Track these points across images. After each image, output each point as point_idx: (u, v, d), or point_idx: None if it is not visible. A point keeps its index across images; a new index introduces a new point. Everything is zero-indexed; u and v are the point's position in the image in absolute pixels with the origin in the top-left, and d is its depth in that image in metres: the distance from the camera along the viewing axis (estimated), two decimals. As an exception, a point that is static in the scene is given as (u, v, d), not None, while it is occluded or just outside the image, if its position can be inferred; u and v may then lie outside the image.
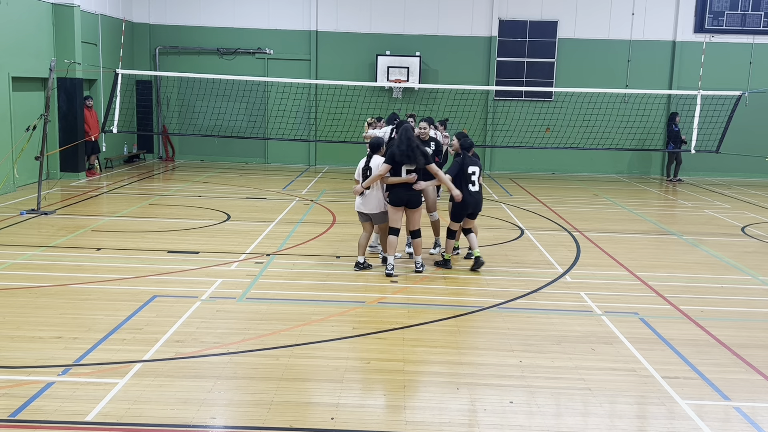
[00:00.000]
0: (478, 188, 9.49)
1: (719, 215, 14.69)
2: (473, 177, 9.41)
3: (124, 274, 8.92)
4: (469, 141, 9.58)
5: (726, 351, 6.87)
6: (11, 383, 5.68)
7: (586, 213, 14.59)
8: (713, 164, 21.06)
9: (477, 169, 9.45)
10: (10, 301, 7.72)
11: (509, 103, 21.30)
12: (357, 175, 9.35)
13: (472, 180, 9.41)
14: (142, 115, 20.99)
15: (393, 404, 5.54)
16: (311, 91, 21.24)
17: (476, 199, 9.44)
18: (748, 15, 21.04)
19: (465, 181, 9.35)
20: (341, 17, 21.46)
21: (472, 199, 9.40)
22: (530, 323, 7.51)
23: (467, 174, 9.39)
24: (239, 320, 7.33)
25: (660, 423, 5.39)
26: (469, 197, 9.37)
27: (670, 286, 9.07)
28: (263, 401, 5.49)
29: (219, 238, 11.12)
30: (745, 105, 19.98)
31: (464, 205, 9.37)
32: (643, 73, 21.27)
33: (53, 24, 16.76)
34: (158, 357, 6.29)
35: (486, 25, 21.36)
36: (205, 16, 21.55)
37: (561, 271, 9.68)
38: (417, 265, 9.40)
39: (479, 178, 9.52)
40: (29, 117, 15.02)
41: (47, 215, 12.50)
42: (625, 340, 7.08)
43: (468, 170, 9.41)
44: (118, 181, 17.34)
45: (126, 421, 5.11)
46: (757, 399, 5.85)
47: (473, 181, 9.41)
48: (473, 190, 9.42)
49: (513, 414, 5.44)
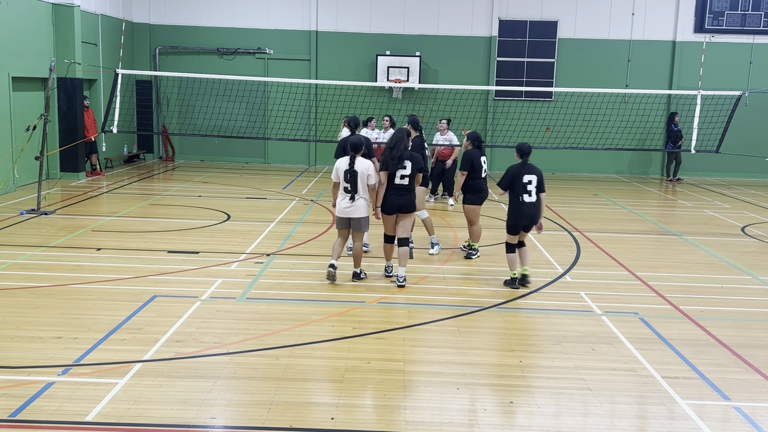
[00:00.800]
0: (535, 199, 8.64)
1: (719, 215, 14.69)
2: (529, 186, 8.60)
3: (124, 274, 8.92)
4: (527, 147, 8.76)
5: (726, 351, 6.87)
6: (11, 383, 5.68)
7: (586, 213, 14.59)
8: (713, 164, 21.06)
9: (534, 177, 8.63)
10: (10, 301, 7.72)
11: (509, 103, 21.30)
12: (335, 177, 8.61)
13: (528, 190, 8.60)
14: (142, 115, 20.99)
15: (393, 404, 5.54)
16: (311, 91, 21.23)
17: (532, 211, 8.66)
18: (748, 15, 21.03)
19: (520, 191, 8.60)
20: (341, 17, 21.46)
21: (528, 210, 8.64)
22: (530, 323, 7.52)
23: (522, 183, 8.59)
24: (239, 320, 7.33)
25: (660, 423, 5.39)
26: (525, 208, 8.62)
27: (670, 286, 9.07)
28: (263, 401, 5.49)
29: (219, 238, 11.12)
30: (745, 105, 19.98)
31: (518, 217, 8.69)
32: (643, 73, 21.27)
33: (53, 24, 16.76)
34: (158, 357, 6.29)
35: (486, 25, 21.36)
36: (205, 16, 21.55)
37: (561, 271, 9.68)
38: (399, 279, 8.64)
39: (537, 187, 8.65)
40: (29, 117, 15.02)
41: (47, 215, 12.50)
42: (625, 340, 7.08)
43: (523, 178, 8.60)
44: (118, 181, 17.34)
45: (126, 421, 5.11)
46: (757, 399, 5.85)
47: (529, 191, 8.60)
48: (528, 200, 8.62)
49: (513, 414, 5.44)
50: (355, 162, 8.47)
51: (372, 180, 8.54)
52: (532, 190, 8.62)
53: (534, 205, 8.66)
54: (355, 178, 8.48)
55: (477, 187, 10.12)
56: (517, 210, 8.67)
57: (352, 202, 8.55)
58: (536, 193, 8.64)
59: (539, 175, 8.69)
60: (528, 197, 8.63)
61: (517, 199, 8.63)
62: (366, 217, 8.67)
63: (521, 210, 8.65)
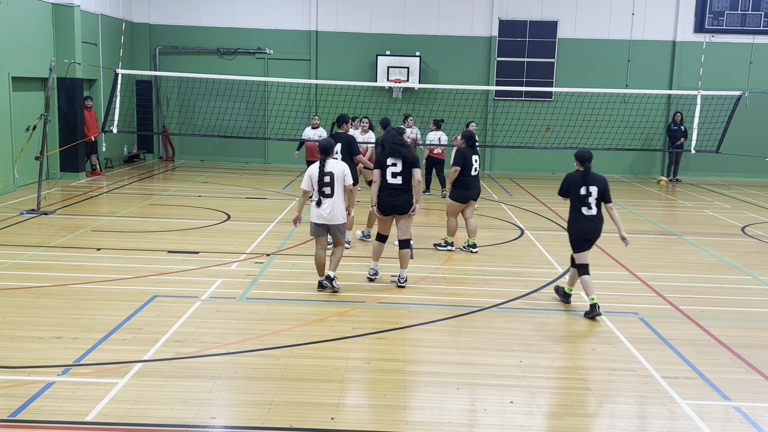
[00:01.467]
0: (596, 212, 7.83)
1: (719, 215, 14.69)
2: (588, 198, 7.79)
3: (124, 274, 8.92)
4: (587, 153, 7.89)
5: (726, 351, 6.87)
6: (11, 383, 5.68)
7: (586, 213, 14.56)
8: (713, 164, 21.06)
9: (595, 189, 7.78)
10: (10, 301, 7.72)
11: (509, 103, 21.30)
12: (306, 186, 8.25)
13: (588, 202, 7.80)
14: (142, 115, 20.99)
15: (393, 404, 5.53)
16: (311, 91, 21.24)
17: (593, 225, 7.86)
18: (748, 15, 21.04)
19: (578, 203, 7.85)
20: (341, 17, 21.46)
21: (589, 224, 7.85)
22: (530, 323, 7.52)
23: (580, 195, 7.82)
24: (239, 320, 7.33)
25: (660, 423, 5.39)
26: (583, 222, 7.86)
27: (670, 286, 9.07)
28: (263, 401, 5.49)
29: (219, 238, 11.12)
30: (745, 105, 19.98)
31: (577, 231, 7.96)
32: (643, 73, 21.27)
33: (53, 24, 16.76)
34: (158, 357, 6.29)
35: (486, 25, 21.36)
36: (205, 16, 21.55)
37: (561, 271, 9.68)
38: (400, 279, 8.61)
39: (599, 198, 7.84)
40: (29, 117, 15.02)
41: (47, 215, 12.50)
42: (625, 340, 7.08)
43: (581, 190, 7.83)
44: (118, 181, 17.34)
45: (126, 421, 5.11)
46: (757, 399, 5.85)
47: (588, 203, 7.80)
48: (588, 213, 7.83)
49: (513, 414, 5.44)
50: (326, 164, 8.19)
51: (348, 181, 8.25)
52: (591, 203, 7.80)
53: (595, 219, 7.84)
54: (332, 180, 8.15)
55: (464, 184, 10.37)
56: (576, 224, 7.92)
57: (329, 206, 8.18)
58: (597, 206, 7.83)
59: (601, 185, 7.82)
60: (587, 210, 7.82)
61: (576, 212, 7.89)
62: (342, 224, 8.31)
63: (580, 224, 7.87)
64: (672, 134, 20.34)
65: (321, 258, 8.40)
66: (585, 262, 7.92)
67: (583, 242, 7.93)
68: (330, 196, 8.20)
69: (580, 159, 7.89)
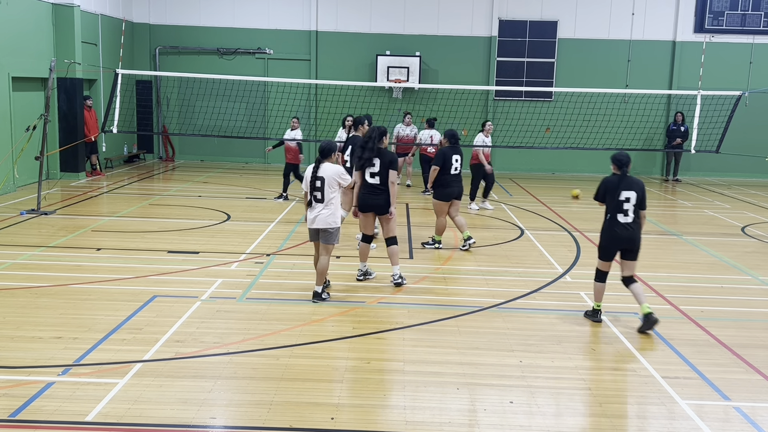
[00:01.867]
0: (632, 219, 7.28)
1: (719, 215, 14.69)
2: (626, 204, 7.27)
3: (124, 274, 8.92)
4: (625, 157, 7.42)
5: (726, 351, 6.87)
6: (11, 383, 5.68)
7: (586, 213, 14.58)
8: (713, 164, 21.05)
9: (633, 194, 7.28)
10: (10, 301, 7.72)
11: (509, 103, 21.29)
12: (305, 186, 8.07)
13: (624, 208, 7.27)
14: (142, 115, 20.99)
15: (393, 404, 5.54)
16: (311, 91, 21.23)
17: (630, 233, 7.30)
18: (748, 15, 21.03)
19: (614, 209, 7.32)
20: (341, 17, 21.46)
21: (624, 233, 7.29)
22: (530, 323, 7.51)
23: (618, 200, 7.29)
24: (239, 320, 7.33)
25: (660, 423, 5.39)
26: (619, 229, 7.30)
27: (670, 286, 9.07)
28: (263, 401, 5.49)
29: (219, 238, 11.12)
30: (745, 105, 19.97)
31: (611, 239, 7.37)
32: (643, 73, 21.27)
33: (53, 24, 16.76)
34: (158, 357, 6.29)
35: (486, 25, 21.36)
36: (205, 16, 21.55)
37: (561, 271, 9.68)
38: (394, 277, 8.62)
39: (636, 206, 7.30)
40: (29, 117, 15.02)
41: (47, 215, 12.50)
42: (625, 340, 7.08)
43: (620, 195, 7.29)
44: (118, 181, 17.34)
45: (126, 421, 5.11)
46: (757, 399, 5.85)
47: (625, 209, 7.27)
48: (623, 221, 7.28)
49: (513, 414, 5.44)
50: (319, 168, 7.91)
51: (345, 182, 8.01)
52: (629, 209, 7.27)
53: (631, 227, 7.30)
54: (322, 184, 7.87)
55: (444, 182, 10.46)
56: (610, 231, 7.35)
57: (318, 211, 7.91)
58: (634, 212, 7.30)
59: (640, 190, 7.32)
60: (623, 217, 7.28)
61: (611, 219, 7.36)
62: (337, 228, 8.02)
63: (614, 232, 7.32)
64: (671, 134, 20.34)
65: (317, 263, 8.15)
66: (607, 270, 7.56)
67: (612, 250, 7.42)
68: (320, 201, 7.90)
69: (618, 163, 7.43)
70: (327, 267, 8.08)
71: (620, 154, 7.47)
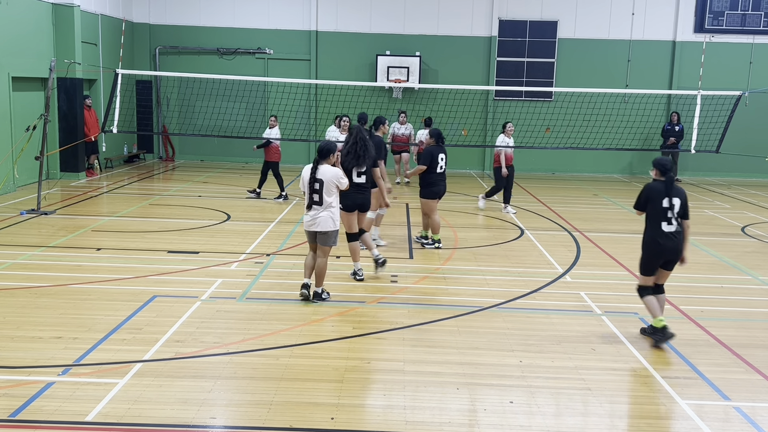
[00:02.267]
0: (676, 227, 6.87)
1: (719, 215, 14.69)
2: (669, 213, 6.86)
3: (124, 274, 8.92)
4: (668, 162, 7.01)
5: (726, 351, 6.87)
6: (11, 383, 5.68)
7: (586, 213, 14.59)
8: (713, 164, 21.05)
9: (678, 201, 6.87)
10: (10, 301, 7.72)
11: (509, 103, 21.28)
12: (303, 187, 7.96)
13: (668, 216, 6.86)
14: (142, 115, 20.98)
15: (393, 404, 5.53)
16: (311, 91, 21.23)
17: (674, 243, 6.88)
18: (748, 15, 21.04)
19: (658, 217, 6.91)
20: (341, 17, 21.46)
21: (669, 243, 6.86)
22: (530, 323, 7.51)
23: (662, 207, 6.87)
24: (239, 320, 7.33)
25: (660, 423, 5.39)
26: (663, 240, 6.86)
27: (670, 286, 9.02)
28: (263, 401, 5.49)
29: (219, 238, 11.12)
30: (745, 105, 19.97)
31: (655, 250, 6.96)
32: (643, 73, 21.27)
33: (53, 24, 16.76)
34: (158, 357, 6.29)
35: (486, 25, 21.36)
36: (205, 16, 21.55)
37: (561, 271, 9.68)
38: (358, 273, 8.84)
39: (680, 213, 6.90)
40: (29, 117, 15.02)
41: (47, 215, 12.50)
42: (625, 340, 7.08)
43: (663, 202, 6.87)
44: (118, 181, 17.34)
45: (126, 421, 5.11)
46: (757, 399, 5.85)
47: (669, 218, 6.86)
48: (668, 230, 6.86)
49: (513, 414, 5.44)
50: (318, 170, 7.81)
51: (343, 185, 7.93)
52: (672, 217, 6.86)
53: (675, 236, 6.89)
54: (321, 187, 7.77)
55: (431, 181, 10.55)
56: (654, 241, 6.92)
57: (316, 213, 7.81)
58: (678, 221, 6.92)
59: (684, 197, 6.94)
60: (668, 225, 6.85)
61: (654, 228, 6.92)
62: (335, 231, 7.93)
63: (659, 242, 6.88)
64: (665, 134, 20.32)
65: (310, 260, 8.03)
66: (650, 284, 7.10)
67: (656, 264, 7.00)
68: (319, 204, 7.79)
69: (661, 168, 6.97)
70: (325, 268, 8.03)
71: (663, 158, 7.04)
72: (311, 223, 7.88)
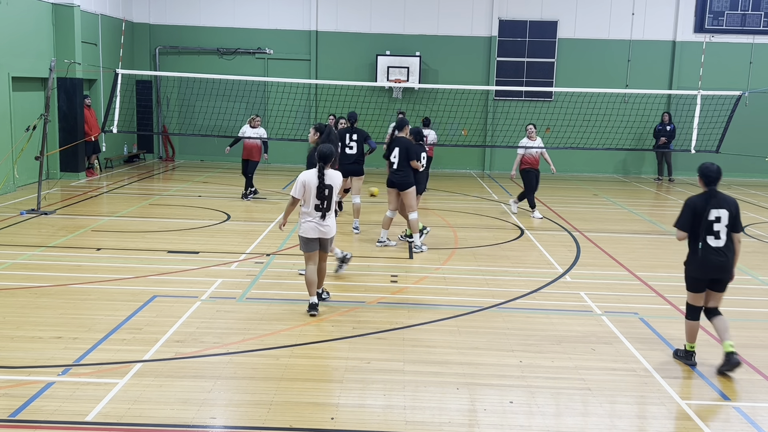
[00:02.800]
0: (724, 242, 6.25)
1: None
2: (716, 225, 6.24)
3: (124, 274, 8.92)
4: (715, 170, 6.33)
5: (726, 351, 6.86)
6: (11, 383, 5.68)
7: (586, 213, 14.59)
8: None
9: (725, 212, 6.26)
10: (10, 301, 7.72)
11: (509, 103, 21.29)
12: (298, 193, 7.46)
13: (715, 230, 6.23)
14: (142, 115, 20.99)
15: (393, 404, 5.53)
16: (311, 91, 21.23)
17: (723, 260, 6.25)
18: (748, 15, 21.04)
19: (703, 231, 6.25)
20: (341, 17, 21.46)
21: (714, 259, 6.24)
22: (530, 323, 7.51)
23: (707, 221, 6.25)
24: (239, 320, 7.33)
25: (660, 423, 5.39)
26: (710, 256, 6.25)
27: (670, 286, 9.07)
28: (263, 401, 5.49)
29: (219, 238, 11.12)
30: (745, 105, 19.96)
31: (701, 268, 6.31)
32: (643, 73, 21.27)
33: (53, 24, 16.76)
34: (158, 357, 6.29)
35: (486, 25, 21.36)
36: (205, 16, 21.55)
37: (561, 271, 9.68)
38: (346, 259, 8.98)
39: (729, 227, 6.29)
40: (29, 117, 15.02)
41: (47, 215, 12.50)
42: (625, 340, 7.08)
43: (708, 214, 6.25)
44: (118, 181, 17.34)
45: (126, 421, 5.11)
46: (757, 399, 5.85)
47: (716, 231, 6.23)
48: (715, 245, 6.25)
49: (513, 414, 5.44)
50: (325, 175, 7.45)
51: None
52: (720, 230, 6.23)
53: (724, 252, 6.26)
54: (330, 193, 7.47)
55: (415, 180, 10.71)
56: (699, 258, 6.28)
57: (324, 220, 7.49)
58: (727, 235, 6.29)
59: (734, 208, 6.30)
60: (714, 240, 6.25)
61: (697, 243, 6.30)
62: (334, 236, 7.79)
63: (705, 258, 6.25)
64: (657, 134, 20.29)
65: (313, 276, 7.61)
66: (699, 304, 6.48)
67: (702, 283, 6.39)
68: (327, 210, 7.50)
69: (706, 178, 6.32)
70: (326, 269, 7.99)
71: (710, 167, 6.34)
72: (319, 230, 7.51)
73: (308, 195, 7.46)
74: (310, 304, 7.53)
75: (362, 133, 11.87)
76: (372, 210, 13.47)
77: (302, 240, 7.58)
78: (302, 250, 7.65)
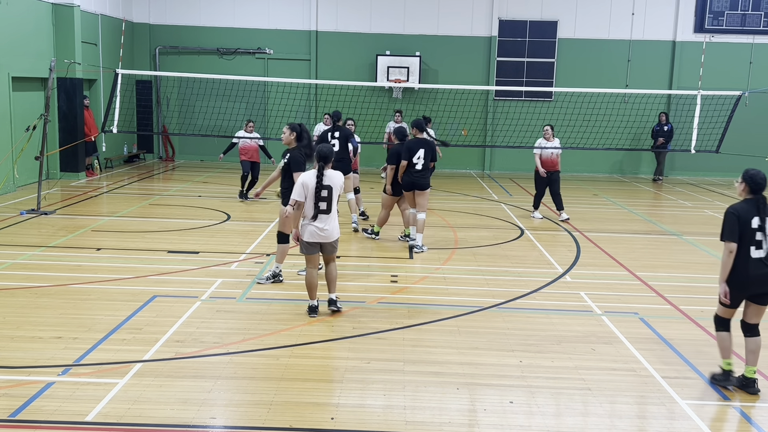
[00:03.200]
0: (766, 253, 5.79)
1: (719, 215, 14.65)
2: (759, 234, 5.78)
3: (124, 274, 8.92)
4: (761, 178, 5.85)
5: (726, 351, 6.85)
6: (11, 383, 5.68)
7: (586, 213, 14.59)
8: (713, 164, 21.04)
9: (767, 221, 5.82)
10: (10, 301, 7.72)
11: (509, 103, 21.29)
12: (300, 196, 7.21)
13: (757, 239, 5.78)
14: (142, 115, 20.98)
15: (393, 404, 5.53)
16: (311, 91, 21.23)
17: (765, 272, 5.79)
18: (748, 15, 21.04)
19: (744, 241, 5.79)
20: (341, 17, 21.46)
21: (759, 271, 5.78)
22: (530, 323, 7.51)
23: (751, 229, 5.79)
24: (239, 320, 7.33)
25: (660, 423, 5.39)
26: (751, 267, 5.78)
27: (670, 286, 9.07)
28: (263, 401, 5.49)
29: (219, 238, 11.12)
30: (745, 105, 19.96)
31: (740, 280, 5.85)
32: (643, 73, 21.27)
33: (53, 24, 16.76)
34: (158, 357, 6.29)
35: (486, 25, 21.36)
36: (205, 16, 21.55)
37: (561, 271, 9.68)
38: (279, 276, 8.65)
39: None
40: (29, 117, 15.02)
41: (47, 215, 12.50)
42: (625, 340, 7.08)
43: (752, 222, 5.78)
44: (118, 181, 17.34)
45: (126, 421, 5.11)
46: (757, 399, 5.84)
47: (758, 240, 5.78)
48: (757, 255, 5.78)
49: (513, 414, 5.44)
50: (324, 175, 7.28)
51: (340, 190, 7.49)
52: (762, 240, 5.77)
53: (766, 263, 5.80)
54: (330, 194, 7.27)
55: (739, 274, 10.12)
56: (739, 269, 5.82)
57: (325, 223, 7.29)
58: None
59: None
60: (757, 251, 5.77)
61: (739, 253, 5.81)
62: (338, 238, 7.54)
63: (745, 270, 5.80)
64: (655, 135, 20.30)
65: (314, 279, 7.46)
66: (728, 317, 6.07)
67: (740, 297, 5.93)
68: (326, 212, 7.28)
69: (754, 186, 5.84)
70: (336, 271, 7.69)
71: (758, 173, 5.85)
72: (322, 234, 7.31)
73: (304, 198, 7.29)
74: (310, 307, 7.49)
75: (345, 131, 11.86)
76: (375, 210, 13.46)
77: (301, 242, 7.45)
78: (302, 252, 7.54)
